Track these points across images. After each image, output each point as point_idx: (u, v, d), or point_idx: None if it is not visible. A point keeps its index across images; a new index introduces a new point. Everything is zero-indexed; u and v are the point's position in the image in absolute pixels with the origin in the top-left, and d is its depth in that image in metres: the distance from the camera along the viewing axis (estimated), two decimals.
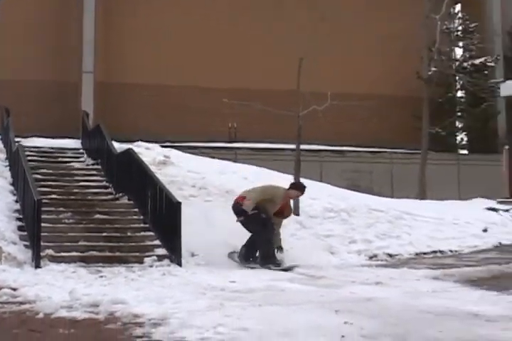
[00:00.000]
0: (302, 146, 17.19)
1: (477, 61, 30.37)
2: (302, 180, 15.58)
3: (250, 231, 10.54)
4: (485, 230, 15.72)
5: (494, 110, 31.03)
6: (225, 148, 27.20)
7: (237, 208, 10.62)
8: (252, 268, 9.93)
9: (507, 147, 24.12)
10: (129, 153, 12.82)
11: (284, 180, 16.25)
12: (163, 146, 18.66)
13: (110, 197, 12.89)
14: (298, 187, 11.20)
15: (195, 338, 4.59)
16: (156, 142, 19.23)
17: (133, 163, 12.43)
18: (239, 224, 12.54)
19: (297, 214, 13.36)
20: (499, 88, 25.54)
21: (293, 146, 17.04)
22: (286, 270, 9.66)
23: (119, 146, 14.71)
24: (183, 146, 22.72)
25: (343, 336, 4.53)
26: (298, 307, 5.95)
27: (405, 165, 28.12)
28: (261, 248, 10.29)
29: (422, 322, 5.26)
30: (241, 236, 11.65)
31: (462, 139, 33.59)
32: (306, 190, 11.23)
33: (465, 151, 33.75)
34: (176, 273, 8.89)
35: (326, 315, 5.43)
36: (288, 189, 10.89)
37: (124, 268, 9.26)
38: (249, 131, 27.75)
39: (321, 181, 22.22)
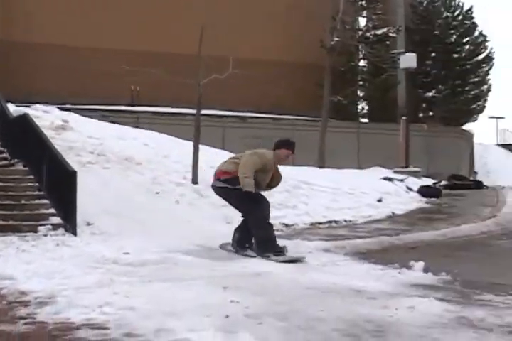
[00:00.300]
0: (205, 111, 17.16)
1: (379, 31, 30.89)
2: (202, 146, 15.59)
3: (241, 211, 8.75)
4: (379, 200, 16.22)
5: (394, 80, 31.72)
6: (127, 111, 26.86)
7: (219, 184, 8.77)
8: (251, 256, 8.14)
9: (404, 118, 24.81)
10: (25, 117, 12.49)
11: (184, 147, 16.29)
12: (62, 109, 18.29)
13: (5, 162, 12.53)
14: (286, 145, 8.79)
15: (79, 319, 4.54)
16: (56, 104, 18.84)
17: (28, 128, 12.10)
18: (139, 192, 12.46)
19: (196, 182, 13.40)
20: (399, 59, 26.13)
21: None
22: (290, 262, 7.70)
23: (16, 109, 14.30)
24: (83, 109, 22.35)
25: (227, 316, 4.60)
26: (188, 283, 5.99)
27: (307, 133, 28.46)
28: (256, 231, 8.30)
29: (307, 299, 5.38)
30: (141, 205, 11.61)
31: (363, 108, 34.30)
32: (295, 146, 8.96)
33: (365, 120, 34.51)
34: (70, 244, 8.77)
35: (214, 293, 5.49)
36: (274, 150, 8.70)
37: (17, 237, 9.08)
38: (153, 94, 27.47)
39: (223, 147, 22.32)
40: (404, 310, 5.01)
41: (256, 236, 8.26)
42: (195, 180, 13.36)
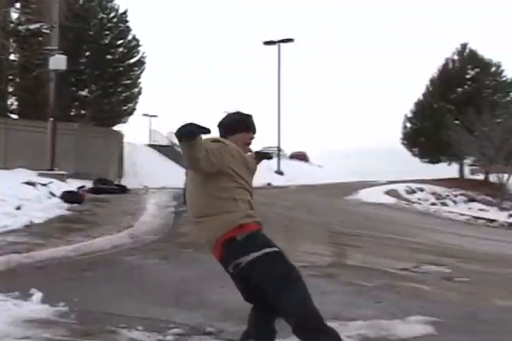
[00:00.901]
0: None
1: (32, 26, 30.00)
2: None
3: (269, 294, 4.33)
4: (18, 208, 15.66)
5: (47, 77, 31.11)
6: None
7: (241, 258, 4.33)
8: None
9: (52, 119, 24.42)
10: None
11: None
12: None
13: None
14: (244, 125, 4.83)
15: None
16: None
17: None
18: None
19: None
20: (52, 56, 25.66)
21: None
22: None
23: None
24: None
25: None
26: None
27: None
28: (314, 337, 4.19)
29: None
30: None
31: (13, 103, 33.22)
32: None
33: (15, 116, 33.45)
34: None
35: None
36: (226, 137, 4.73)
37: None
38: None
39: None
40: None
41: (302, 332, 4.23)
42: None
